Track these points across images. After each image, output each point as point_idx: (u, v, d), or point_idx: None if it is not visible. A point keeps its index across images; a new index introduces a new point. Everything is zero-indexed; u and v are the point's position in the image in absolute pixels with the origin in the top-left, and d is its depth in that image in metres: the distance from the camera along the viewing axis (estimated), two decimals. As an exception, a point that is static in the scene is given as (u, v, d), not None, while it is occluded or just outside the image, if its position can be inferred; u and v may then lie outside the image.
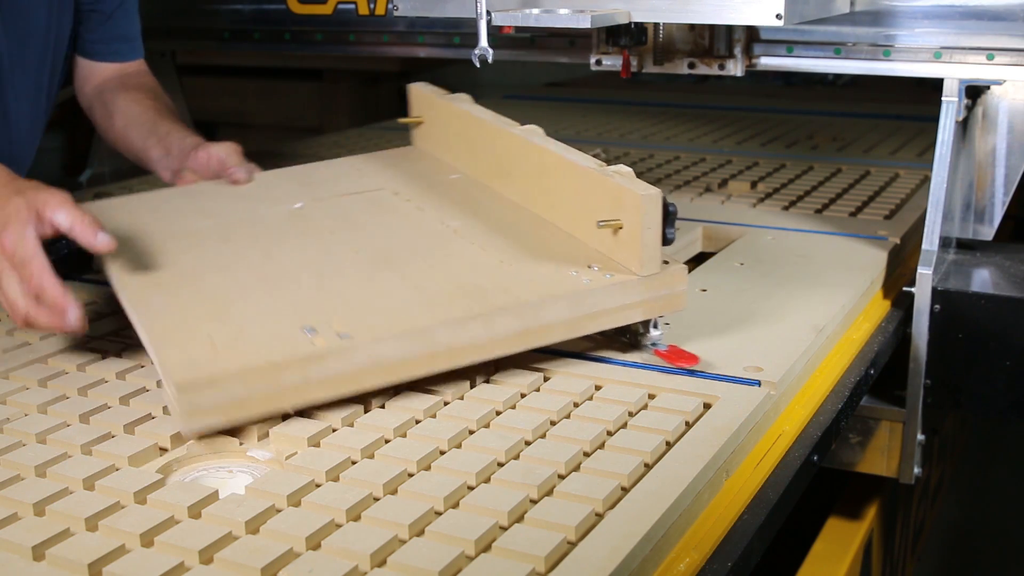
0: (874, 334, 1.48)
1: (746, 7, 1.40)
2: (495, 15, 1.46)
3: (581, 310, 1.17)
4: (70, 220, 1.19)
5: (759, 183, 2.12)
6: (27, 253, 1.16)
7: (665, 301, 1.21)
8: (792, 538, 1.58)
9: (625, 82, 3.28)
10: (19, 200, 1.19)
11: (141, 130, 1.75)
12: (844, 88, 3.49)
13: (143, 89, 1.83)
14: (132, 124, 1.76)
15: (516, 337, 1.15)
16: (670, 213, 1.19)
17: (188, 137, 1.70)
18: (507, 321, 1.13)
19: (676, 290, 1.21)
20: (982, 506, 2.87)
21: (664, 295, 1.21)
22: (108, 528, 0.89)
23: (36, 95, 1.75)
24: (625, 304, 1.19)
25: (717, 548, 0.95)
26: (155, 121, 1.75)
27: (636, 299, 1.20)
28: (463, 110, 1.55)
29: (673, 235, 1.20)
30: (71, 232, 1.19)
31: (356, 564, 0.84)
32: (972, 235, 1.67)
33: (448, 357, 1.12)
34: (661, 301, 1.21)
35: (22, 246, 1.16)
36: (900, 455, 1.59)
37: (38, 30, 1.69)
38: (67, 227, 1.19)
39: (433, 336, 1.11)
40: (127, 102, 1.80)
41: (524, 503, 0.92)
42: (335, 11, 2.10)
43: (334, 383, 1.08)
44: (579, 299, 1.17)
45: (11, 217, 1.17)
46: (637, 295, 1.19)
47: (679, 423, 1.07)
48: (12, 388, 1.19)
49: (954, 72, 1.57)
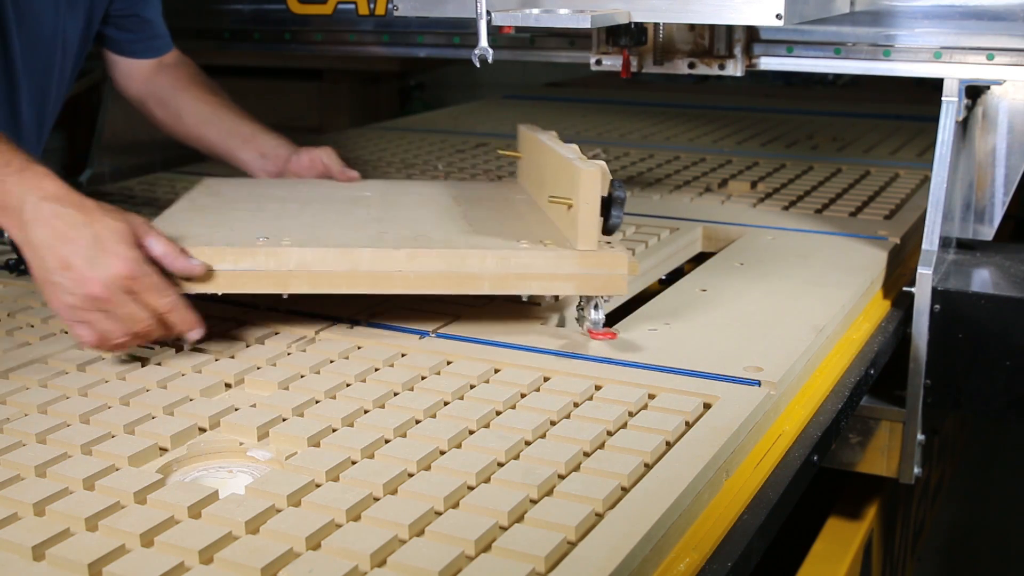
0: (874, 334, 1.48)
1: (746, 7, 1.40)
2: (495, 15, 1.46)
3: (508, 268, 1.25)
4: (163, 248, 1.20)
5: (759, 183, 2.12)
6: (153, 281, 1.18)
7: (602, 281, 1.25)
8: (792, 538, 1.58)
9: (625, 82, 3.28)
10: (121, 225, 1.18)
11: (218, 130, 1.88)
12: (844, 88, 3.49)
13: (200, 85, 1.94)
14: (205, 123, 1.89)
15: (440, 277, 1.25)
16: (616, 197, 1.22)
17: (277, 140, 1.84)
18: (431, 259, 1.24)
19: (614, 272, 1.24)
20: (982, 506, 2.87)
21: (600, 275, 1.24)
22: (108, 528, 0.89)
23: (44, 100, 1.76)
24: (556, 273, 1.25)
25: (717, 548, 0.95)
26: (231, 121, 1.88)
27: (568, 271, 1.24)
28: (531, 135, 1.60)
29: (618, 220, 1.23)
30: (163, 260, 1.20)
31: (356, 564, 0.84)
32: (972, 235, 1.67)
33: (370, 280, 1.25)
34: (597, 280, 1.24)
35: (146, 272, 1.17)
36: (900, 455, 1.59)
37: (45, 35, 1.70)
38: (160, 254, 1.20)
39: (358, 256, 1.24)
40: (192, 101, 1.91)
41: (524, 503, 0.92)
42: (335, 11, 2.10)
43: (263, 278, 1.24)
44: (508, 257, 1.25)
45: (121, 242, 1.17)
46: (569, 267, 1.24)
47: (679, 423, 1.07)
48: (12, 388, 1.19)
49: (954, 72, 1.57)
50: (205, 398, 1.16)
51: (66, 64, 1.78)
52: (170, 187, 2.17)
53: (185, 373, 1.23)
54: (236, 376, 1.22)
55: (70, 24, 1.75)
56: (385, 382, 1.19)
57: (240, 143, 1.87)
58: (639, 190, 2.07)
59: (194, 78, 1.96)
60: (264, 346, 1.31)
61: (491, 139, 2.57)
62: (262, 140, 1.86)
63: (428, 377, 1.21)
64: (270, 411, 1.12)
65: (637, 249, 1.66)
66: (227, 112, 1.90)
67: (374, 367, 1.23)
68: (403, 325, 1.36)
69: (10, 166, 1.21)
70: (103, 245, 1.16)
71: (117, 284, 1.16)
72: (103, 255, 1.15)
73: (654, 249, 1.68)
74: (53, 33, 1.71)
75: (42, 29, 1.69)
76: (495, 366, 1.23)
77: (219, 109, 1.90)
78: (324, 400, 1.15)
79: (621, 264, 1.24)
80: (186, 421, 1.10)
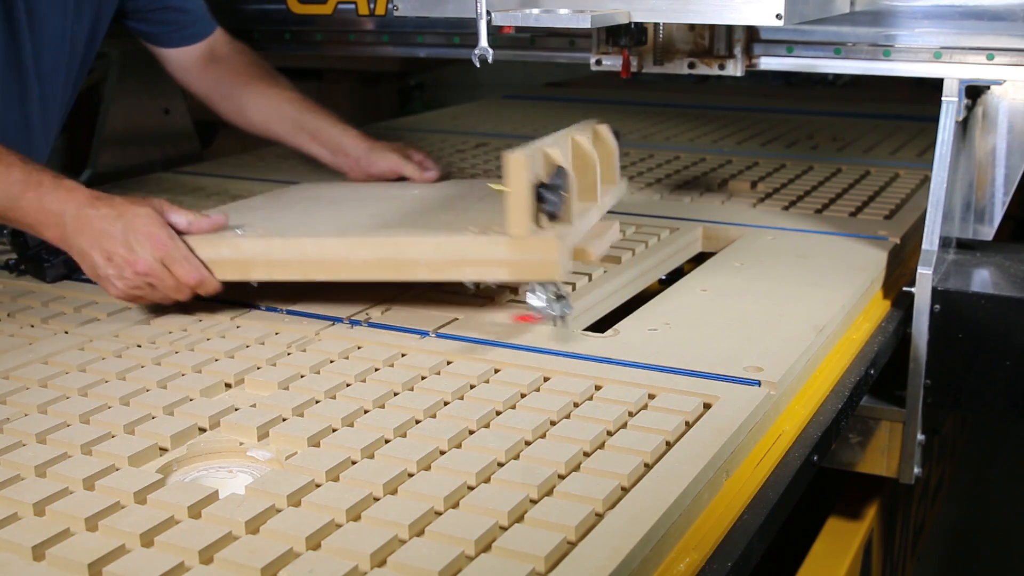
0: (874, 334, 1.48)
1: (746, 7, 1.40)
2: (495, 15, 1.46)
3: (443, 255, 1.27)
4: (186, 219, 1.35)
5: (759, 183, 2.12)
6: (183, 252, 1.33)
7: (535, 267, 1.24)
8: (792, 538, 1.58)
9: (625, 82, 3.28)
10: (147, 209, 1.33)
11: (283, 126, 1.88)
12: (844, 88, 3.49)
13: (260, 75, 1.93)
14: (270, 119, 1.90)
15: (378, 264, 1.29)
16: (552, 184, 1.22)
17: (343, 134, 1.85)
18: (371, 247, 1.29)
19: (547, 258, 1.23)
20: (982, 506, 2.86)
21: (533, 260, 1.23)
22: (108, 528, 0.89)
23: (53, 102, 1.76)
24: (488, 259, 1.25)
25: (717, 548, 0.95)
26: (295, 114, 1.88)
27: (500, 257, 1.24)
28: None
29: (553, 206, 1.22)
30: (189, 228, 1.35)
31: (356, 564, 0.84)
32: (972, 235, 1.66)
33: (317, 268, 1.32)
34: (530, 266, 1.24)
35: (175, 248, 1.32)
36: (900, 455, 1.59)
37: (55, 37, 1.70)
38: (185, 225, 1.35)
39: (302, 246, 1.31)
40: (254, 95, 1.91)
41: (524, 503, 0.92)
42: (335, 11, 2.10)
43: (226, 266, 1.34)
44: (442, 244, 1.27)
45: (151, 224, 1.32)
46: (500, 253, 1.24)
47: (679, 423, 1.07)
48: (12, 388, 1.19)
49: (954, 72, 1.57)
50: (205, 398, 1.17)
51: (73, 66, 1.78)
52: (170, 187, 2.17)
53: (185, 373, 1.23)
54: (236, 376, 1.22)
55: (77, 27, 1.75)
56: (385, 382, 1.19)
57: (308, 139, 1.88)
58: (639, 190, 2.07)
59: (251, 67, 1.94)
60: (264, 346, 1.31)
61: (491, 139, 2.57)
62: (328, 135, 1.86)
63: (428, 377, 1.21)
64: (270, 411, 1.12)
65: (637, 249, 1.66)
66: (290, 105, 1.88)
67: (374, 367, 1.23)
68: (403, 325, 1.36)
69: (43, 186, 1.35)
70: (135, 231, 1.31)
71: (154, 258, 1.31)
72: (137, 239, 1.31)
73: (654, 249, 1.68)
74: (62, 35, 1.71)
75: (52, 31, 1.69)
76: (495, 366, 1.23)
77: (282, 103, 1.88)
78: (324, 400, 1.15)
79: (551, 250, 1.23)
80: (186, 421, 1.10)
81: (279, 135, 1.90)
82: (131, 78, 2.56)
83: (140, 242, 1.31)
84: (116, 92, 2.54)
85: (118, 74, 2.54)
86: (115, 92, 2.54)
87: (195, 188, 2.15)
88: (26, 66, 1.67)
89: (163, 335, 1.35)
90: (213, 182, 2.20)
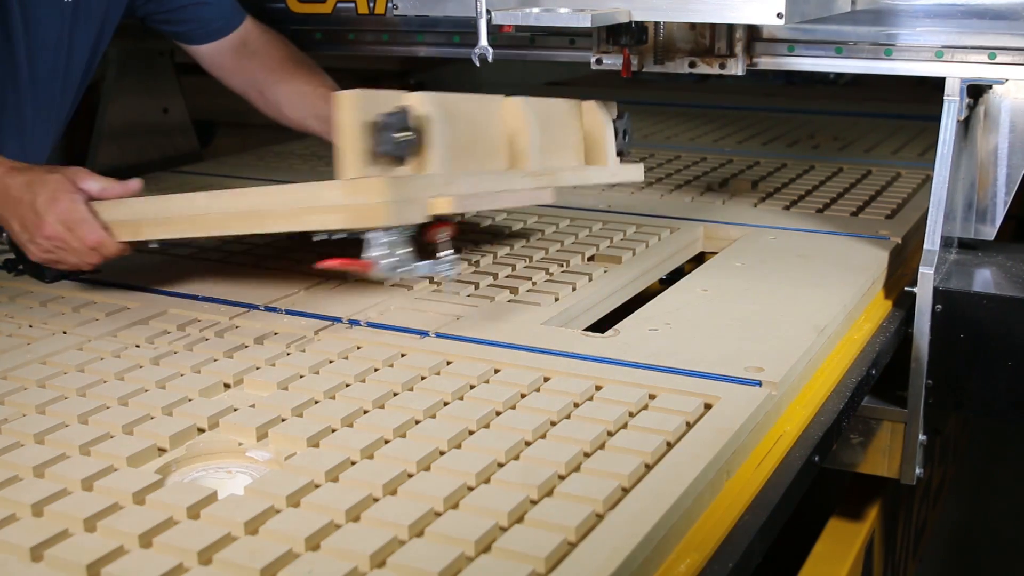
0: (875, 334, 1.47)
1: (747, 6, 1.40)
2: (495, 14, 1.45)
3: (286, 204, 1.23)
4: (99, 184, 1.38)
5: (760, 183, 2.11)
6: (81, 214, 1.36)
7: (365, 212, 1.19)
8: (793, 539, 1.58)
9: (625, 81, 3.27)
10: (55, 176, 1.37)
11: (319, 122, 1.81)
12: (845, 87, 3.48)
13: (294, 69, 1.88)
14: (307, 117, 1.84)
15: (238, 217, 1.28)
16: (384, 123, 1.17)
17: None
18: (228, 200, 1.28)
19: (373, 201, 1.18)
20: (984, 507, 2.86)
21: (363, 204, 1.18)
22: (106, 529, 0.89)
23: (50, 106, 1.75)
24: (326, 205, 1.21)
25: (718, 549, 0.95)
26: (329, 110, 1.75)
27: (335, 202, 1.20)
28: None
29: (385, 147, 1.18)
30: (102, 194, 1.38)
31: (356, 565, 0.84)
32: (974, 235, 1.66)
33: (190, 224, 1.32)
34: (362, 211, 1.19)
35: (77, 210, 1.35)
36: (901, 456, 1.58)
37: (50, 42, 1.69)
38: (98, 191, 1.38)
39: (172, 203, 1.34)
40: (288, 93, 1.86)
41: (524, 504, 0.92)
42: (334, 10, 2.10)
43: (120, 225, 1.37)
44: (284, 192, 1.24)
45: (58, 190, 1.36)
46: (334, 198, 1.20)
47: (680, 423, 1.07)
48: (11, 388, 1.19)
49: (956, 71, 1.57)
50: (204, 398, 1.16)
51: (73, 71, 1.77)
52: (169, 186, 2.16)
53: (184, 373, 1.22)
54: (235, 376, 1.21)
55: (79, 32, 1.74)
56: (385, 382, 1.18)
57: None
58: (640, 189, 2.06)
59: (286, 61, 1.90)
60: (263, 346, 1.31)
61: (491, 139, 2.56)
62: None
63: (428, 377, 1.20)
64: (269, 411, 1.11)
65: (637, 249, 1.66)
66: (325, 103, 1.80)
67: (374, 367, 1.23)
68: (403, 325, 1.36)
69: None
70: (43, 197, 1.36)
71: (58, 221, 1.35)
72: (44, 204, 1.36)
73: (654, 249, 1.67)
74: (59, 40, 1.71)
75: (47, 35, 1.68)
76: (495, 366, 1.23)
77: (316, 100, 1.83)
78: (323, 400, 1.15)
79: (380, 192, 1.17)
80: (185, 421, 1.09)
81: (316, 132, 1.86)
82: (130, 77, 2.56)
83: (46, 207, 1.35)
84: (115, 91, 2.54)
85: (117, 73, 2.54)
86: (114, 91, 2.54)
87: (194, 187, 2.15)
88: (20, 70, 1.66)
89: (161, 335, 1.34)
90: (212, 181, 2.19)
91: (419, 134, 1.22)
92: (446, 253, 1.28)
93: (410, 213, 1.21)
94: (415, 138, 1.22)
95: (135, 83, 2.58)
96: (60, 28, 1.70)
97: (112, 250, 1.39)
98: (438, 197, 1.23)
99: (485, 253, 1.63)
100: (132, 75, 2.57)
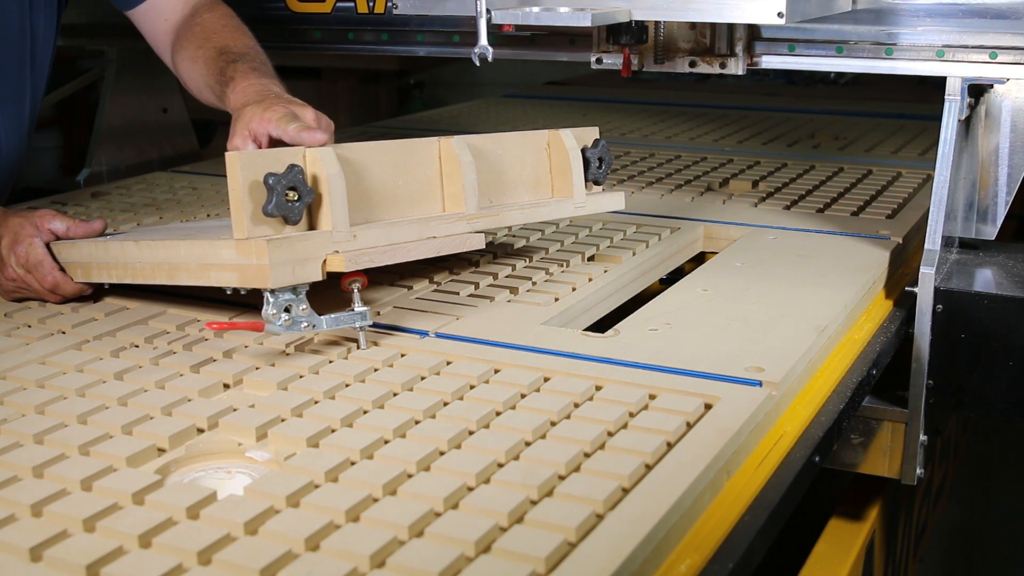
0: (876, 334, 1.47)
1: (748, 5, 1.40)
2: (495, 13, 1.45)
3: (196, 259, 1.26)
4: (64, 224, 1.44)
5: (760, 182, 2.11)
6: (38, 257, 1.42)
7: (255, 272, 1.18)
8: (794, 539, 1.57)
9: (626, 81, 3.28)
10: (17, 219, 1.44)
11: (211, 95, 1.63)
12: (846, 87, 3.48)
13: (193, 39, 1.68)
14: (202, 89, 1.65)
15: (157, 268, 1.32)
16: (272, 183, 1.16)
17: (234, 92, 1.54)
18: (151, 250, 1.32)
19: (261, 262, 1.17)
20: (985, 507, 2.86)
21: (251, 265, 1.18)
22: (106, 529, 0.89)
23: (20, 96, 1.73)
24: (222, 263, 1.22)
25: (718, 549, 0.94)
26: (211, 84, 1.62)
27: (228, 260, 1.21)
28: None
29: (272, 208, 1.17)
30: (67, 233, 1.44)
31: (355, 565, 0.84)
32: (975, 235, 1.66)
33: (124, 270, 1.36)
34: (250, 271, 1.19)
35: (33, 253, 1.42)
36: (902, 456, 1.58)
37: (12, 30, 1.68)
38: (63, 230, 1.44)
39: (111, 249, 1.37)
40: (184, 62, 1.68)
41: (524, 504, 0.92)
42: (334, 10, 2.10)
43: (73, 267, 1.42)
44: (193, 247, 1.26)
45: (18, 234, 1.42)
46: (228, 257, 1.21)
47: (680, 424, 1.07)
48: (10, 388, 1.19)
49: (957, 71, 1.57)
50: (203, 398, 1.16)
51: (41, 58, 1.75)
52: (168, 186, 2.16)
53: (183, 373, 1.22)
54: (235, 376, 1.21)
55: (41, 17, 1.72)
56: (385, 382, 1.18)
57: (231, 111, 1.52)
58: (640, 189, 2.06)
59: (192, 30, 1.69)
60: (263, 347, 1.31)
61: (491, 138, 2.56)
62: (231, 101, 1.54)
63: (428, 377, 1.20)
64: (269, 412, 1.11)
65: (637, 249, 1.65)
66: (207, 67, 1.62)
67: (374, 367, 1.23)
68: (403, 325, 1.36)
69: None
70: (5, 240, 1.43)
71: (18, 265, 1.42)
72: (6, 247, 1.43)
73: (655, 249, 1.67)
74: (21, 27, 1.69)
75: (8, 23, 1.67)
76: (495, 366, 1.22)
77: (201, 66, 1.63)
78: (323, 400, 1.14)
79: (262, 254, 1.16)
80: (184, 422, 1.09)
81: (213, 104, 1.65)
82: (129, 77, 2.56)
83: (7, 250, 1.43)
84: (114, 91, 2.54)
85: (116, 73, 2.54)
86: (113, 91, 2.54)
87: (193, 187, 2.15)
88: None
89: (161, 335, 1.34)
90: (211, 181, 2.19)
91: (311, 193, 1.20)
92: (358, 305, 1.25)
93: (302, 272, 1.20)
94: (306, 198, 1.20)
95: (134, 83, 2.58)
96: (20, 15, 1.69)
97: (69, 290, 1.43)
98: (333, 255, 1.22)
99: (485, 253, 1.63)
100: (131, 75, 2.57)
